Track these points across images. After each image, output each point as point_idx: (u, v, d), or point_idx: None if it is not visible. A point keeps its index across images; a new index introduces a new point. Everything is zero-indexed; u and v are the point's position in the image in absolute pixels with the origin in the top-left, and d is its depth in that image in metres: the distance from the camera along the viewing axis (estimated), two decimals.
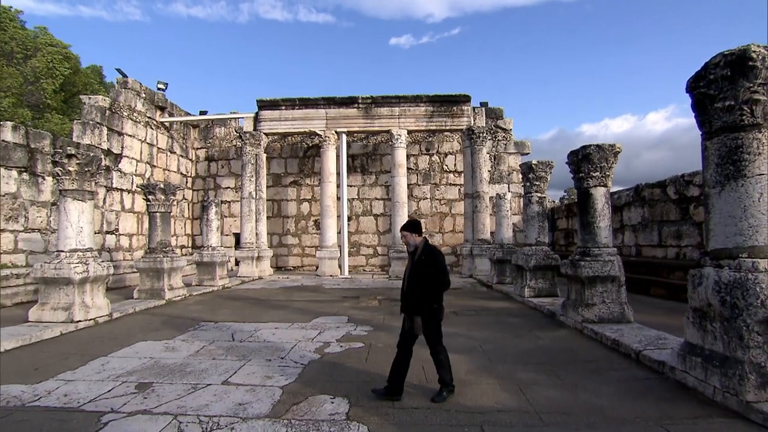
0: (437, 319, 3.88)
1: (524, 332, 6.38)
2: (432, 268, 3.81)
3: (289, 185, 18.43)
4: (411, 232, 3.98)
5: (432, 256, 3.86)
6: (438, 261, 3.85)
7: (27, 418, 3.51)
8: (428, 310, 3.82)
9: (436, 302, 3.84)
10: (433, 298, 3.82)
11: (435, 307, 3.83)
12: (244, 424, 3.30)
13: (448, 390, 3.80)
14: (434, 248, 3.98)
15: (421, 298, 3.80)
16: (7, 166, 9.98)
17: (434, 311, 3.84)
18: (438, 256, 3.89)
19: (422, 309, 3.81)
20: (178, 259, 10.33)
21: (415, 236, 3.98)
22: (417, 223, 4.09)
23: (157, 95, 15.99)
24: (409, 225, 4.04)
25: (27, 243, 10.40)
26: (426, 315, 3.81)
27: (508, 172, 17.60)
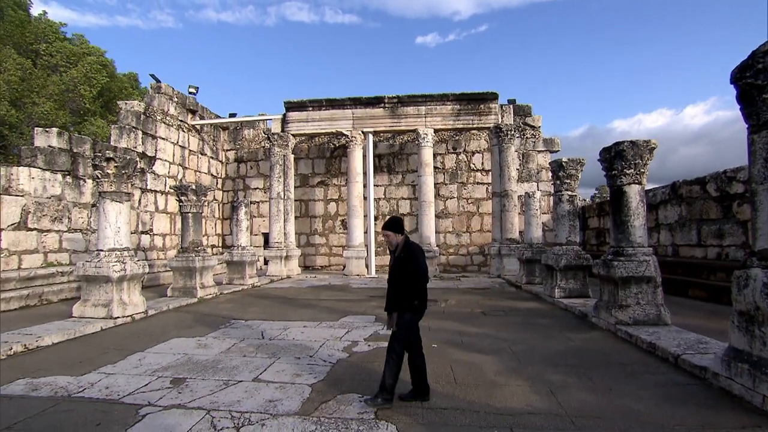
0: (415, 316, 3.74)
1: (555, 333, 6.24)
2: (410, 264, 3.71)
3: (316, 185, 18.63)
4: (394, 232, 3.88)
5: (409, 252, 3.76)
6: (414, 256, 3.74)
7: (73, 408, 3.68)
8: (407, 307, 3.68)
9: (416, 299, 3.69)
10: (413, 294, 3.67)
11: (415, 303, 3.69)
12: (275, 420, 3.35)
13: (385, 398, 3.59)
14: (412, 244, 3.86)
15: (401, 295, 3.69)
16: (53, 169, 10.49)
17: (413, 308, 3.70)
18: (415, 252, 3.78)
19: (401, 306, 3.69)
20: (209, 258, 10.60)
21: (398, 236, 3.88)
22: (399, 221, 3.96)
23: (188, 99, 16.46)
24: (390, 224, 3.91)
25: (70, 242, 10.90)
26: (402, 311, 3.68)
27: (537, 170, 17.24)
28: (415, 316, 3.75)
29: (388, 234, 3.87)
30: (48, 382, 4.30)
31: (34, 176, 10.03)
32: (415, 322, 3.78)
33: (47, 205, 10.30)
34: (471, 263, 17.38)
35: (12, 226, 9.47)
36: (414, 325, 3.77)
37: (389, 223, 3.92)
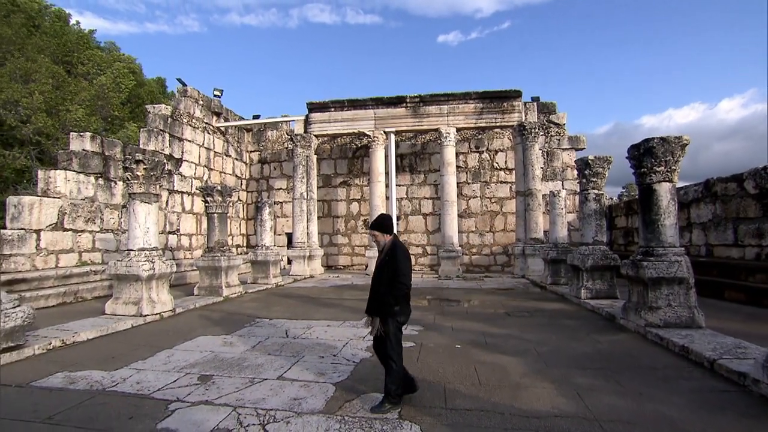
0: (396, 321, 3.61)
1: (581, 335, 6.10)
2: (392, 268, 3.57)
3: (338, 185, 18.75)
4: (381, 232, 3.76)
5: (393, 256, 3.61)
6: (396, 258, 3.59)
7: (107, 401, 3.82)
8: (388, 313, 3.56)
9: (397, 304, 3.56)
10: (394, 299, 3.54)
11: (396, 309, 3.57)
12: (299, 419, 3.39)
13: (393, 402, 3.52)
14: (397, 246, 3.70)
15: (383, 299, 3.57)
16: (86, 172, 10.90)
17: (394, 314, 3.57)
18: (399, 256, 3.61)
19: (382, 310, 3.59)
20: (234, 258, 10.80)
21: (386, 235, 3.76)
22: (386, 220, 3.84)
23: (213, 102, 16.81)
24: (377, 224, 3.81)
25: (102, 242, 11.30)
26: (384, 316, 3.58)
27: (562, 168, 16.90)
28: (399, 322, 3.63)
29: (375, 234, 3.78)
30: (84, 376, 4.47)
31: (69, 179, 10.44)
32: (400, 326, 3.68)
33: (81, 206, 10.70)
34: (494, 263, 17.18)
35: (50, 227, 9.88)
36: (400, 330, 3.69)
37: (376, 222, 3.82)
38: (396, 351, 3.60)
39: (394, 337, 3.60)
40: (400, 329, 3.69)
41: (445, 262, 14.55)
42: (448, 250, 14.58)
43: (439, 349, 5.45)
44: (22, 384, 4.28)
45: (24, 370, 4.70)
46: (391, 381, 3.54)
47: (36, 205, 9.63)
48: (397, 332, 3.65)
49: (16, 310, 5.15)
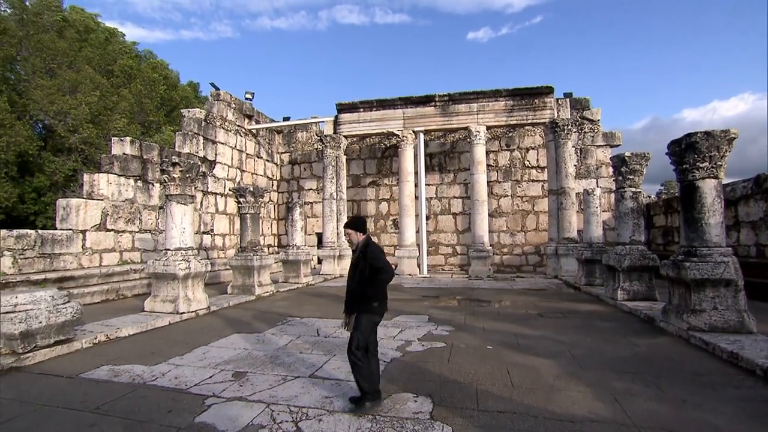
0: (371, 321, 3.63)
1: (618, 338, 5.90)
2: (366, 266, 3.60)
3: (367, 185, 18.85)
4: (355, 230, 3.81)
5: (366, 254, 3.65)
6: (371, 258, 3.60)
7: (148, 394, 3.99)
8: (365, 309, 3.60)
9: (375, 301, 3.59)
10: (370, 296, 3.57)
11: (374, 305, 3.60)
12: (331, 417, 3.43)
13: (371, 399, 3.54)
14: (371, 246, 3.73)
15: (359, 296, 3.61)
16: (126, 175, 11.39)
17: (371, 310, 3.60)
18: (372, 254, 3.63)
19: (359, 308, 3.62)
20: (266, 257, 11.03)
21: (359, 234, 3.80)
22: (360, 220, 3.89)
23: (245, 104, 17.23)
24: (352, 223, 3.86)
25: (141, 242, 11.78)
26: (360, 313, 3.61)
27: (597, 165, 16.40)
28: (373, 318, 3.64)
29: (350, 233, 3.82)
30: (126, 370, 4.67)
31: (111, 182, 10.93)
32: (373, 324, 3.68)
33: (122, 207, 11.19)
34: (526, 263, 16.85)
35: (94, 227, 10.38)
36: (372, 327, 3.68)
37: (351, 222, 3.87)
38: (361, 350, 3.56)
39: (362, 335, 3.58)
40: (374, 324, 3.68)
41: (476, 262, 14.39)
42: (479, 249, 14.41)
43: (470, 349, 5.39)
44: (72, 375, 4.53)
45: (73, 362, 4.97)
46: (363, 378, 3.53)
47: (82, 206, 10.14)
48: (369, 326, 3.63)
49: (66, 306, 5.44)
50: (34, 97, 16.23)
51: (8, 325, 4.88)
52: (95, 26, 21.98)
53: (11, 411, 3.66)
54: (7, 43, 16.75)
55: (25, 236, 8.89)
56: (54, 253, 9.40)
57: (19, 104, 16.55)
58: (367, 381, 3.54)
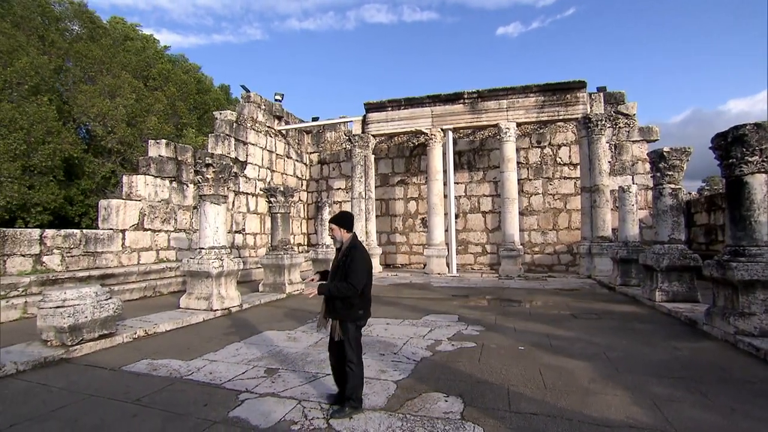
0: (356, 325, 3.54)
1: (657, 341, 5.68)
2: (350, 270, 3.42)
3: (396, 184, 18.84)
4: (339, 226, 3.62)
5: (352, 256, 3.48)
6: (355, 261, 3.45)
7: (185, 388, 4.12)
8: (348, 316, 3.48)
9: (361, 308, 3.50)
10: (356, 303, 3.46)
11: (360, 313, 3.51)
12: (362, 414, 3.45)
13: (353, 407, 3.46)
14: (357, 247, 3.57)
15: (344, 303, 3.47)
16: (162, 176, 11.79)
17: (355, 317, 3.50)
18: (355, 256, 3.48)
19: (341, 313, 3.48)
20: (296, 256, 11.20)
21: (344, 231, 3.62)
22: (347, 216, 3.71)
23: (274, 106, 17.53)
24: (337, 218, 3.67)
25: (176, 241, 12.17)
26: (343, 320, 3.50)
27: (632, 162, 15.82)
28: (358, 324, 3.57)
29: (333, 228, 3.64)
30: (164, 364, 4.84)
31: (148, 183, 11.35)
32: (359, 329, 3.61)
33: (158, 207, 11.60)
34: (558, 263, 16.45)
35: (132, 227, 10.81)
36: (359, 334, 3.61)
37: (337, 216, 3.70)
38: (357, 355, 3.53)
39: (354, 342, 3.52)
40: (359, 332, 3.61)
41: (506, 262, 14.15)
42: (509, 248, 14.17)
43: (502, 350, 5.31)
44: (115, 368, 4.74)
45: (115, 356, 5.20)
46: (352, 386, 3.48)
47: (121, 207, 10.57)
48: (357, 336, 3.57)
49: (108, 302, 5.70)
50: (77, 102, 17.04)
51: (58, 319, 5.16)
52: (134, 34, 22.89)
53: (63, 399, 3.87)
54: (55, 54, 17.67)
55: (72, 235, 9.35)
56: (96, 251, 9.85)
57: (65, 111, 17.42)
58: (357, 389, 3.49)
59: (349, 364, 3.48)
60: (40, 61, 16.14)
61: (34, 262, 8.61)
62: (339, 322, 3.49)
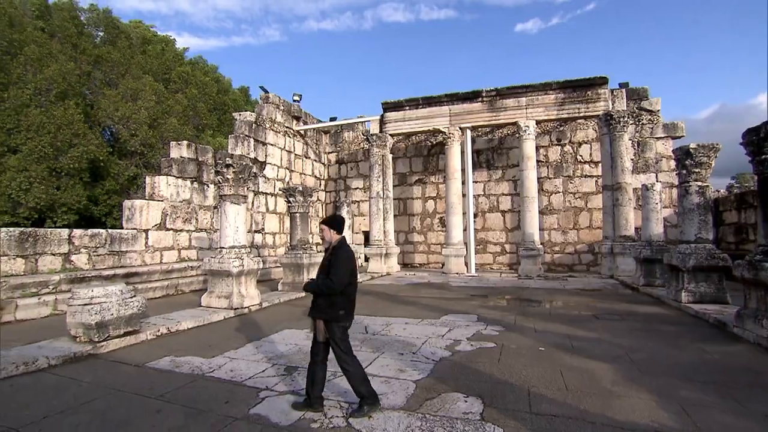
0: (341, 326, 3.52)
1: (684, 343, 5.52)
2: (333, 270, 3.47)
3: (414, 184, 18.80)
4: (330, 228, 3.69)
5: (336, 257, 3.53)
6: (339, 262, 3.49)
7: (206, 385, 4.19)
8: (332, 317, 3.48)
9: (342, 309, 3.49)
10: (338, 303, 3.48)
11: (341, 313, 3.49)
12: (381, 414, 3.45)
13: (369, 403, 3.43)
14: (342, 246, 3.62)
15: (327, 303, 3.49)
16: (183, 177, 12.02)
17: (338, 318, 3.49)
18: (340, 255, 3.53)
19: (326, 313, 3.50)
20: (315, 255, 11.27)
21: (333, 233, 3.68)
22: (338, 219, 3.77)
23: (293, 106, 17.68)
24: (328, 220, 3.74)
25: (197, 240, 12.39)
26: (328, 322, 3.50)
27: (656, 159, 15.42)
28: (342, 325, 3.55)
29: (324, 228, 3.70)
30: (186, 361, 4.93)
31: (170, 183, 11.58)
32: (345, 330, 3.58)
33: (180, 208, 11.83)
34: (579, 262, 16.16)
35: (155, 227, 11.05)
36: (345, 334, 3.58)
37: (329, 219, 3.76)
38: (347, 354, 3.51)
39: (342, 343, 3.52)
40: (346, 332, 3.59)
41: (525, 261, 13.98)
42: (529, 248, 13.98)
43: (522, 350, 5.24)
44: (139, 364, 4.85)
45: (139, 352, 5.32)
46: (357, 384, 3.46)
47: (145, 207, 10.82)
48: (344, 337, 3.55)
49: (133, 300, 5.83)
50: (102, 106, 17.54)
51: (86, 316, 5.31)
52: (153, 37, 23.41)
53: (91, 394, 3.99)
54: (85, 61, 18.23)
55: (98, 235, 9.61)
56: (121, 250, 10.10)
57: (91, 115, 17.96)
58: (364, 386, 3.46)
59: (343, 365, 3.49)
60: (68, 67, 16.66)
61: (63, 261, 8.88)
62: (324, 323, 3.52)
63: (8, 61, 16.26)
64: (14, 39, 16.60)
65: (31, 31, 17.09)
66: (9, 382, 4.34)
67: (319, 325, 3.54)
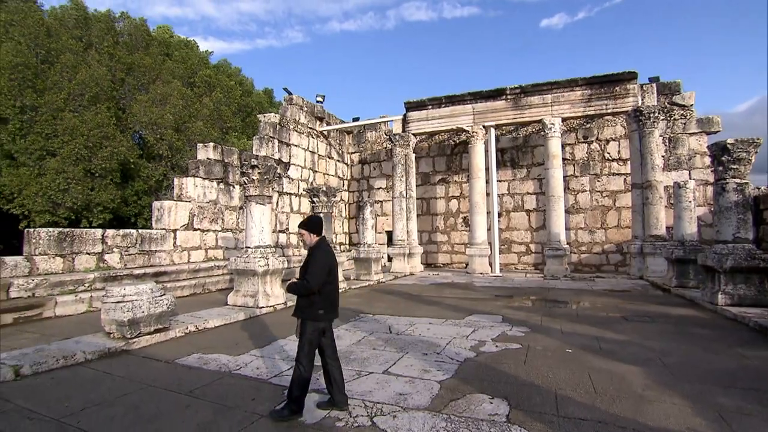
0: (316, 325, 3.52)
1: (721, 347, 5.31)
2: (309, 270, 3.50)
3: (437, 183, 18.70)
4: (309, 231, 3.72)
5: (311, 254, 3.59)
6: (315, 261, 3.52)
7: (233, 382, 4.27)
8: (309, 316, 3.51)
9: (322, 308, 3.50)
10: (316, 302, 3.49)
11: (320, 313, 3.50)
12: (405, 414, 3.44)
13: (293, 410, 3.40)
14: (320, 246, 3.65)
15: (305, 301, 3.52)
16: (210, 178, 12.29)
17: (316, 317, 3.50)
18: (318, 253, 3.57)
19: (304, 312, 3.53)
20: (339, 255, 11.33)
21: (313, 236, 3.71)
22: (316, 221, 3.81)
23: (316, 107, 17.85)
24: (306, 223, 3.77)
25: (223, 240, 12.65)
26: (304, 319, 3.52)
27: (689, 155, 14.87)
28: (318, 325, 3.54)
29: (303, 233, 3.74)
30: (214, 359, 5.04)
31: (197, 184, 11.86)
32: (319, 332, 3.56)
33: (206, 208, 12.09)
34: (606, 263, 15.75)
35: (183, 227, 11.33)
36: (317, 336, 3.55)
37: (306, 222, 3.79)
38: (307, 357, 3.49)
39: (308, 343, 3.51)
40: (316, 334, 3.56)
41: (551, 261, 13.71)
42: (554, 248, 13.71)
43: (548, 352, 5.15)
44: (169, 360, 4.99)
45: (169, 349, 5.47)
46: (296, 386, 3.42)
47: (173, 208, 11.11)
48: (313, 339, 3.53)
49: (163, 298, 6.00)
50: (133, 111, 18.13)
51: (119, 313, 5.49)
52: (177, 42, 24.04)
53: (125, 388, 4.13)
54: (119, 69, 18.91)
55: (129, 235, 9.94)
56: (151, 250, 10.40)
57: (123, 119, 18.60)
58: (299, 390, 3.42)
59: (298, 363, 3.48)
60: (99, 72, 17.28)
61: (97, 260, 9.22)
62: (300, 322, 3.55)
63: (46, 68, 16.99)
64: (51, 48, 17.34)
65: (67, 40, 17.81)
66: (50, 374, 4.55)
67: (298, 324, 3.59)
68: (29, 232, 8.26)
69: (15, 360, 4.71)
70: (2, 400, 3.89)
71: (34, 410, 3.65)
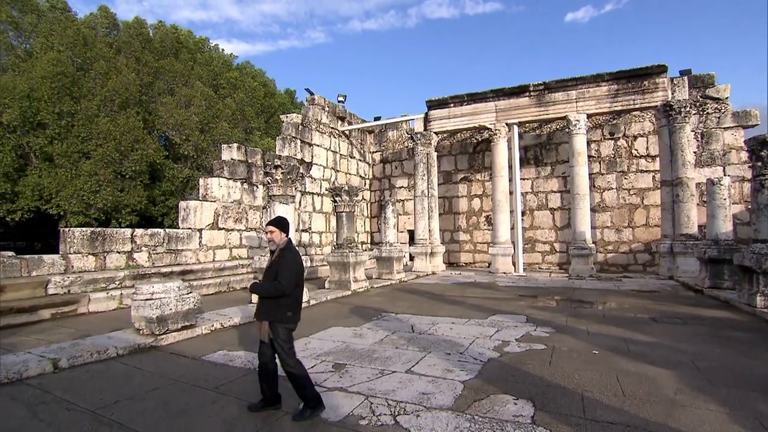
0: (286, 327, 3.52)
1: (759, 351, 5.08)
2: (280, 272, 3.49)
3: (459, 182, 18.56)
4: (280, 230, 3.70)
5: (283, 258, 3.57)
6: (287, 261, 3.54)
7: (258, 379, 4.30)
8: (279, 318, 3.49)
9: (290, 310, 3.50)
10: (285, 305, 3.48)
11: (288, 315, 3.50)
12: (429, 413, 3.43)
13: (312, 407, 3.39)
14: (289, 248, 3.67)
15: (273, 304, 3.50)
16: (234, 178, 12.52)
17: (285, 319, 3.50)
18: (288, 255, 3.59)
19: (273, 315, 3.49)
20: (361, 254, 11.38)
21: (283, 235, 3.71)
22: (284, 220, 3.82)
23: (337, 107, 17.95)
24: (276, 222, 3.77)
25: (247, 239, 12.87)
26: (275, 323, 3.49)
27: (724, 151, 14.31)
28: (288, 327, 3.55)
29: (273, 230, 3.70)
30: (239, 356, 5.14)
31: (222, 185, 12.10)
32: (290, 333, 3.57)
33: (231, 208, 12.33)
34: (634, 262, 15.33)
35: (208, 226, 11.58)
36: (290, 336, 3.57)
37: (276, 221, 3.79)
38: (291, 357, 3.50)
39: (285, 344, 3.50)
40: (290, 335, 3.58)
41: (576, 261, 13.43)
42: (580, 247, 13.43)
43: (574, 353, 5.04)
44: (196, 357, 5.11)
45: (196, 346, 5.60)
46: (300, 386, 3.43)
47: (198, 208, 11.37)
48: (288, 338, 3.55)
49: (189, 296, 6.15)
50: (159, 114, 18.65)
51: (148, 310, 5.66)
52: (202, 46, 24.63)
53: (154, 383, 4.26)
54: (146, 73, 19.52)
55: (157, 234, 10.22)
56: (177, 249, 10.67)
57: (150, 121, 19.16)
58: (306, 388, 3.44)
59: (286, 367, 3.48)
60: (129, 78, 17.85)
61: (127, 258, 9.51)
62: (269, 324, 3.52)
63: (81, 76, 17.65)
64: (87, 57, 18.03)
65: (101, 47, 18.47)
66: (86, 368, 4.73)
67: (264, 327, 3.55)
68: (65, 231, 8.59)
69: (54, 353, 4.93)
70: (43, 391, 4.07)
71: (72, 402, 3.81)
